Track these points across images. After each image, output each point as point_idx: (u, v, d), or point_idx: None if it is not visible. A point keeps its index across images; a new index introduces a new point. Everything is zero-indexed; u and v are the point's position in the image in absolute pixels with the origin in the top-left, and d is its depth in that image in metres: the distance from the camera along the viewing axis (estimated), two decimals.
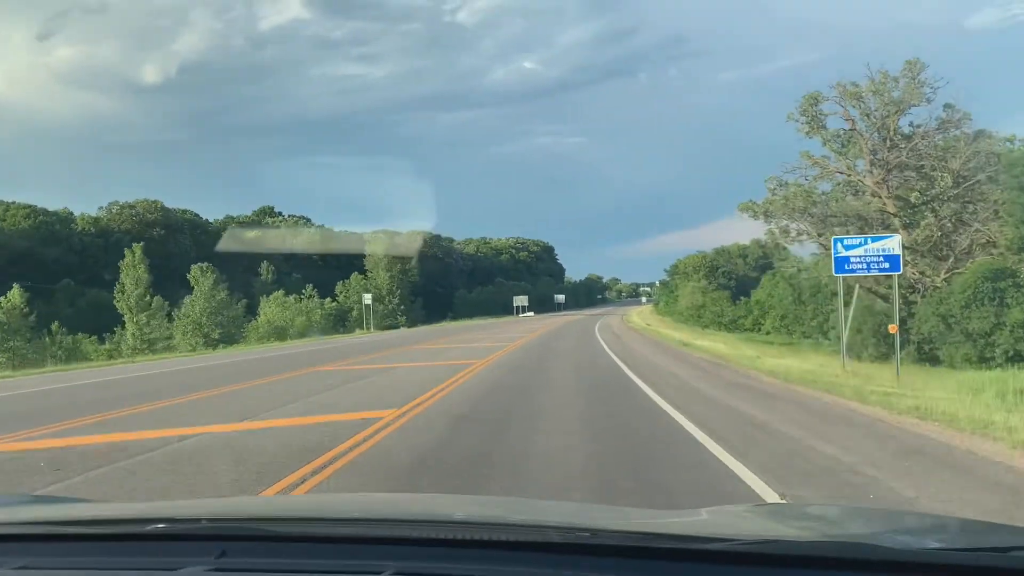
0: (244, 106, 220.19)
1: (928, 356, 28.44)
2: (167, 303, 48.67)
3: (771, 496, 5.69)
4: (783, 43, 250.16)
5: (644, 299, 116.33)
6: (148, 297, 47.67)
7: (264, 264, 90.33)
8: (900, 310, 30.68)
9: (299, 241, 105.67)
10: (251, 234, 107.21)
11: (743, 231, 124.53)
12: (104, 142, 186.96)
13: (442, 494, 5.54)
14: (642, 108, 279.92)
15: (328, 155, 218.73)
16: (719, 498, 5.30)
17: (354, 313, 67.40)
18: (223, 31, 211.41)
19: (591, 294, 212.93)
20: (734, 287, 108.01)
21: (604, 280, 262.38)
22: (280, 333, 53.89)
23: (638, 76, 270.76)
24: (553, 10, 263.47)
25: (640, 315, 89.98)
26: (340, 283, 68.46)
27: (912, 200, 29.95)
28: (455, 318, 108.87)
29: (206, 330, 44.82)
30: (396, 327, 69.29)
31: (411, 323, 75.78)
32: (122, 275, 49.32)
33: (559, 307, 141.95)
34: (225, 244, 69.91)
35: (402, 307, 77.01)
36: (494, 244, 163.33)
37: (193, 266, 49.73)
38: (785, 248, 33.75)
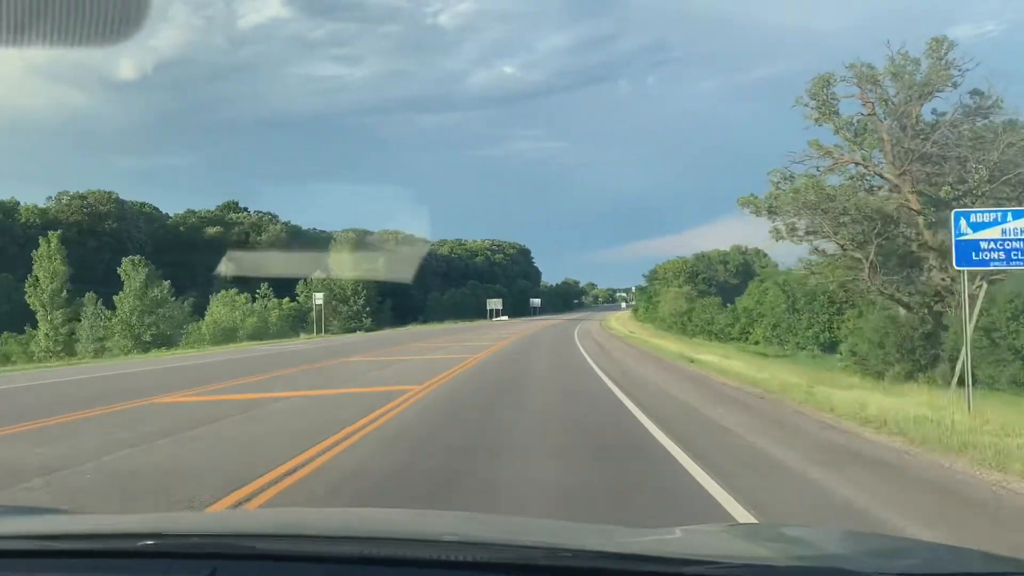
0: (220, 104, 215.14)
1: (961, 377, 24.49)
2: (100, 300, 43.59)
3: None
4: (763, 52, 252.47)
5: (624, 304, 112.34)
6: (65, 293, 42.53)
7: (224, 260, 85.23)
8: (928, 323, 26.93)
9: (264, 239, 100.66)
10: (212, 230, 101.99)
11: (722, 237, 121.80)
12: (75, 136, 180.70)
13: (432, 511, 5.13)
14: (622, 114, 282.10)
15: (304, 156, 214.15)
16: None
17: (313, 314, 62.62)
18: (203, 27, 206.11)
19: (567, 299, 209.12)
20: (714, 294, 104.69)
21: (581, 285, 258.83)
22: (229, 335, 49.02)
23: (618, 82, 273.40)
24: (533, 15, 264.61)
25: (619, 321, 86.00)
26: (301, 282, 63.71)
27: (943, 195, 26.05)
28: (426, 321, 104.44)
29: (137, 331, 39.84)
30: (358, 330, 64.54)
31: (377, 326, 71.09)
32: (35, 267, 44.16)
33: (534, 311, 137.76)
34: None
35: (368, 309, 72.15)
36: (469, 246, 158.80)
37: (124, 259, 44.73)
38: (786, 242, 29.60)
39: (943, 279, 26.31)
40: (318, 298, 55.55)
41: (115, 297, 42.17)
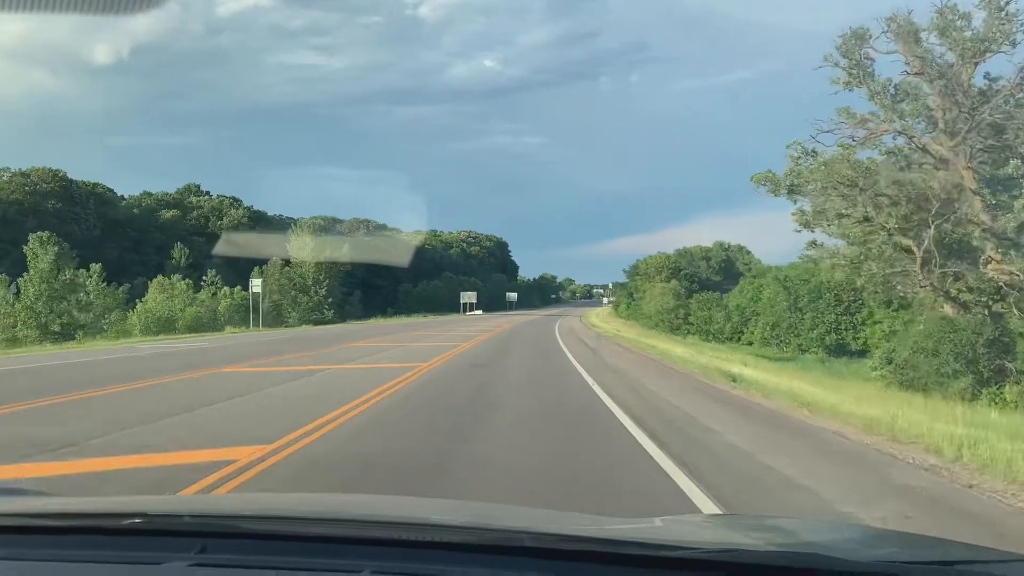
0: (196, 91, 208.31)
1: None
2: (12, 283, 37.82)
3: None
4: (744, 53, 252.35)
5: (606, 299, 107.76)
6: None
7: (177, 246, 79.18)
8: (987, 326, 22.32)
9: (225, 223, 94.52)
10: (168, 214, 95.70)
11: (699, 236, 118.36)
12: (44, 120, 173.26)
13: (418, 497, 5.36)
14: (602, 112, 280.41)
15: (279, 144, 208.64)
16: None
17: (263, 304, 57.02)
18: (180, 13, 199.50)
19: (545, 293, 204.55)
20: (697, 291, 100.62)
21: (558, 280, 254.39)
22: (166, 326, 43.43)
23: (599, 80, 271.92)
24: (515, 10, 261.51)
25: (601, 318, 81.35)
26: (256, 269, 58.12)
27: (1010, 172, 21.40)
28: (396, 313, 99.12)
29: (44, 319, 34.18)
30: (304, 324, 58.93)
31: (341, 318, 65.60)
32: None
33: (511, 306, 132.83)
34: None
35: (330, 300, 66.66)
36: (444, 237, 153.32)
37: (31, 235, 38.88)
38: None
39: (1007, 272, 21.65)
40: (255, 286, 49.82)
41: (20, 280, 36.44)
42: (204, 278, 54.96)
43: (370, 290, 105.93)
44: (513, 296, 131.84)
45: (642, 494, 6.44)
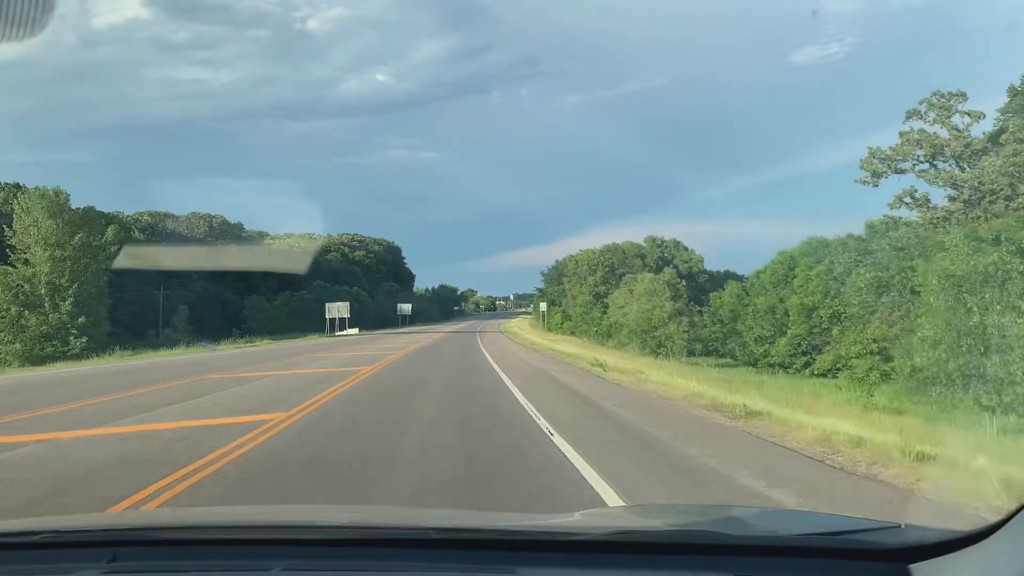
0: (71, 107, 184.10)
1: None
2: None
3: None
4: (628, 69, 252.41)
5: (543, 307, 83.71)
6: None
7: None
8: None
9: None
10: None
11: (598, 244, 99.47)
12: None
13: (327, 505, 5.42)
14: (496, 125, 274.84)
15: (165, 159, 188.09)
16: None
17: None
18: (52, 26, 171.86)
19: (446, 306, 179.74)
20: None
21: (460, 291, 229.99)
22: None
23: (491, 94, 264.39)
24: (406, 24, 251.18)
25: (524, 330, 57.87)
26: None
27: None
28: (244, 335, 72.83)
29: None
30: (64, 357, 32.61)
31: (103, 346, 38.98)
32: None
33: (404, 320, 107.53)
34: None
35: (82, 319, 39.90)
36: (321, 240, 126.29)
37: None
38: None
39: None
40: None
41: None
42: None
43: (207, 304, 78.84)
44: (406, 308, 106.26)
45: None
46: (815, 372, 28.23)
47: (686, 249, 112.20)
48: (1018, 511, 1.78)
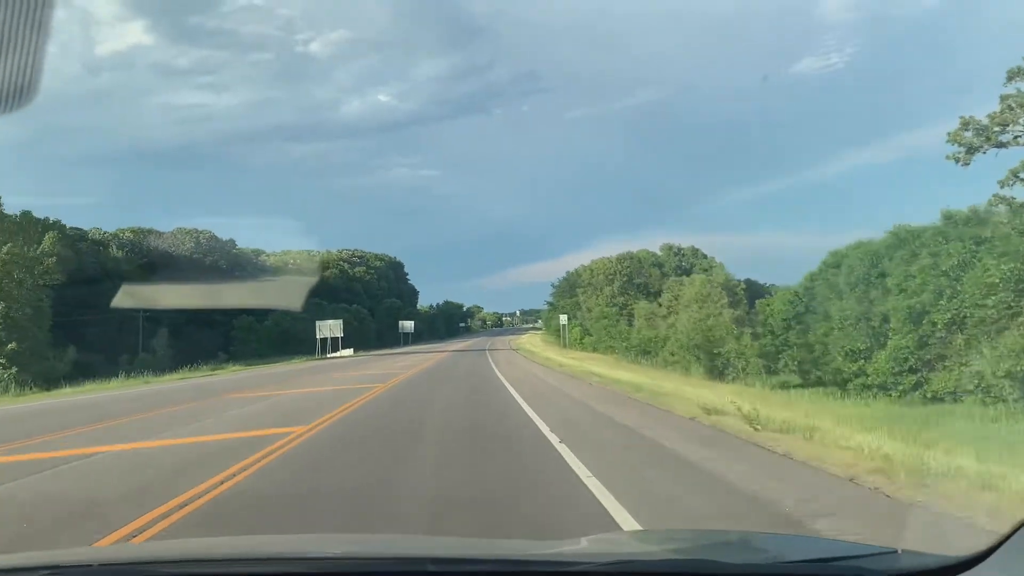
0: (74, 133, 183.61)
1: None
2: None
3: None
4: (629, 83, 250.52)
5: (562, 320, 76.69)
6: None
7: None
8: None
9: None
10: None
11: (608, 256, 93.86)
12: None
13: (322, 535, 5.06)
14: (498, 142, 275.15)
15: (165, 184, 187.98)
16: None
17: None
18: (57, 54, 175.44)
19: (451, 323, 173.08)
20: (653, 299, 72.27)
21: (466, 308, 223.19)
22: None
23: (492, 111, 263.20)
24: (407, 44, 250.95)
25: (539, 347, 51.26)
26: None
27: None
28: (231, 360, 66.61)
29: None
30: None
31: (41, 381, 32.39)
32: None
33: (406, 339, 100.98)
34: None
35: (12, 345, 33.30)
36: (321, 257, 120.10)
37: None
38: None
39: None
40: None
41: None
42: None
43: (195, 324, 72.48)
44: (408, 326, 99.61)
45: None
46: (928, 395, 21.52)
47: (705, 257, 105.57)
48: (1010, 535, 1.81)
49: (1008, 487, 6.41)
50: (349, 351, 66.79)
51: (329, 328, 66.01)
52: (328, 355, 65.20)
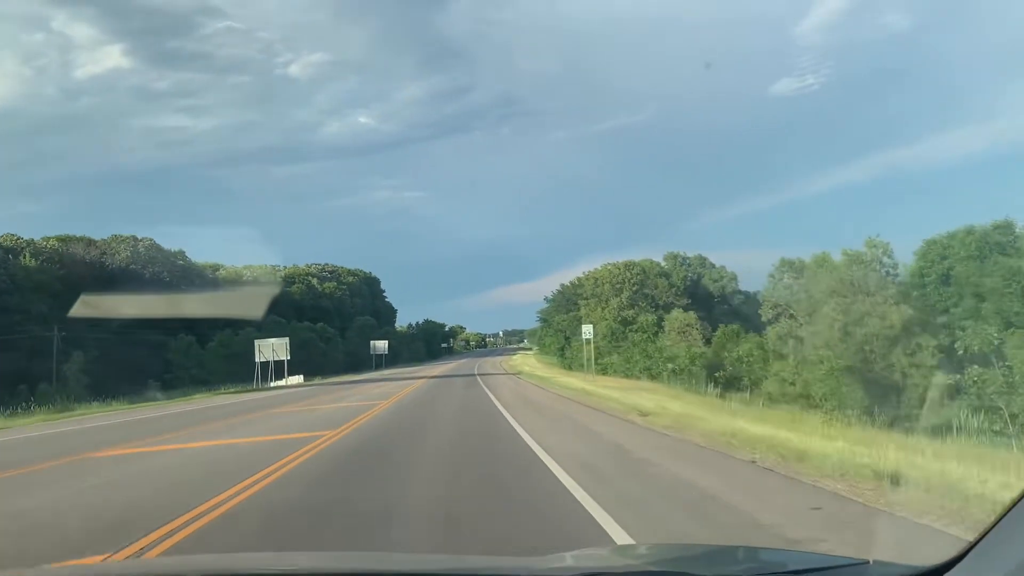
0: (51, 158, 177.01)
1: None
2: None
3: None
4: (610, 105, 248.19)
5: (586, 332, 64.75)
6: None
7: None
8: None
9: None
10: None
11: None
12: None
13: (308, 552, 4.97)
14: (479, 163, 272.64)
15: (143, 207, 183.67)
16: None
17: None
18: (33, 77, 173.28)
19: (432, 343, 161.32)
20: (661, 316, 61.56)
21: (448, 327, 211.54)
22: None
23: (473, 133, 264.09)
24: (387, 66, 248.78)
25: (540, 370, 40.25)
26: None
27: None
28: (167, 387, 55.24)
29: None
30: None
31: None
32: None
33: (380, 361, 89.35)
34: None
35: None
36: (286, 272, 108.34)
37: None
38: None
39: None
40: None
41: None
42: None
43: (123, 349, 60.56)
44: (382, 346, 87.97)
45: None
46: None
47: (714, 266, 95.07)
48: (976, 542, 1.81)
49: None
50: (298, 378, 54.87)
51: (272, 349, 53.68)
52: (271, 383, 53.09)
